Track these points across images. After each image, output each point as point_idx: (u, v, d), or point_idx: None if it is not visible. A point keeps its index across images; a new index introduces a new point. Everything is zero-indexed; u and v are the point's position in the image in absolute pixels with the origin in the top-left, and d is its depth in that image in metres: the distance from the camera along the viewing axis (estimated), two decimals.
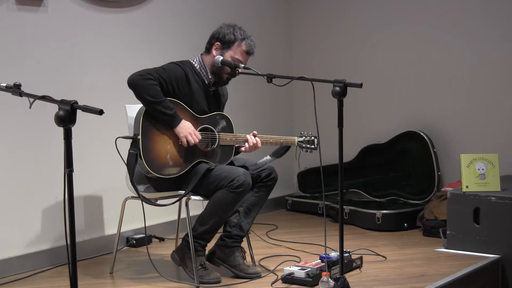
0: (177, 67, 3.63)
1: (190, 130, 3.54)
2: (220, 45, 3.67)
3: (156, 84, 3.49)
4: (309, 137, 3.83)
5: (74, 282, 2.38)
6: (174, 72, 3.59)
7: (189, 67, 3.66)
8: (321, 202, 5.36)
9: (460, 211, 4.18)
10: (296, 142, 3.81)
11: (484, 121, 4.99)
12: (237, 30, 3.69)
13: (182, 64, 3.66)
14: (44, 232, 4.01)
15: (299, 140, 3.81)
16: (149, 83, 3.47)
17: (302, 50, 5.81)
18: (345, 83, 3.11)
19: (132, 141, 3.48)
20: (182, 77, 3.61)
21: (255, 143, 3.72)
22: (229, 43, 3.67)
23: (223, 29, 3.69)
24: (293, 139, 3.80)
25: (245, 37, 3.69)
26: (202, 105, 3.67)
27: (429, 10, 5.20)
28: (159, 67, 3.59)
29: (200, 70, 3.69)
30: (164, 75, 3.55)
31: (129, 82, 3.49)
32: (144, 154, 3.47)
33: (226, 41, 3.66)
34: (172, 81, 3.57)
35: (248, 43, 3.69)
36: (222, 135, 3.67)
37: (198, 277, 3.51)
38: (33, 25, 3.94)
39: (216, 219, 3.57)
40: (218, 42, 3.67)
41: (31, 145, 3.95)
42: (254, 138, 3.73)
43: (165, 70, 3.57)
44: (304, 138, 3.82)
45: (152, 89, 3.47)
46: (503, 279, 4.02)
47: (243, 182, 3.48)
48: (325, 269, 3.43)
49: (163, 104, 3.48)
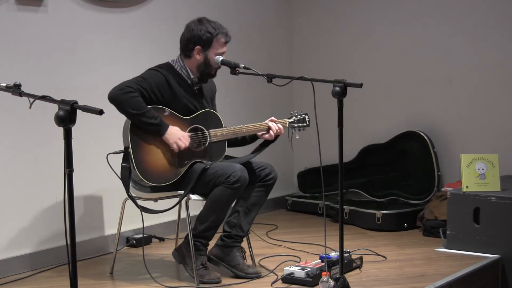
0: (155, 72, 3.62)
1: (178, 135, 3.54)
2: (201, 47, 3.64)
3: (137, 96, 3.48)
4: (300, 115, 3.80)
5: (74, 282, 2.38)
6: (153, 78, 3.58)
7: (169, 70, 3.65)
8: (321, 202, 5.36)
9: (460, 211, 4.18)
10: (287, 123, 3.79)
11: (484, 121, 4.99)
12: (208, 25, 3.64)
13: (160, 68, 3.65)
14: (44, 232, 4.01)
15: (290, 121, 3.80)
16: (129, 96, 3.46)
17: (302, 50, 5.81)
18: (345, 83, 3.11)
19: (123, 155, 3.50)
20: (162, 82, 3.60)
21: (277, 129, 3.71)
22: (208, 42, 3.63)
23: (195, 31, 3.63)
24: (283, 121, 3.79)
25: (218, 29, 3.64)
26: (189, 106, 3.66)
27: (429, 10, 5.19)
28: (138, 76, 3.58)
29: (181, 71, 3.68)
30: (144, 84, 3.54)
31: (110, 98, 3.49)
32: (137, 166, 3.49)
33: (205, 41, 3.62)
34: (153, 88, 3.56)
35: (223, 33, 3.66)
36: (212, 132, 3.67)
37: (199, 277, 3.51)
38: (33, 25, 3.94)
39: (215, 216, 3.58)
40: (198, 46, 3.63)
41: (31, 145, 3.95)
42: (276, 124, 3.72)
43: (144, 79, 3.56)
44: (294, 118, 3.79)
45: (134, 101, 3.46)
46: (503, 279, 4.02)
47: (239, 177, 3.49)
48: (325, 269, 3.43)
49: (147, 114, 3.47)
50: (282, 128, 3.75)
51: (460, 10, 5.06)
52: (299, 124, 3.81)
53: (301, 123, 3.81)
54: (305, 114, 3.82)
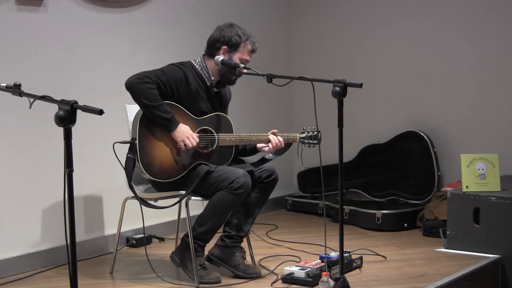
0: (176, 68, 3.62)
1: (187, 134, 3.53)
2: (227, 48, 3.64)
3: (154, 88, 3.48)
4: (312, 132, 3.74)
5: (74, 282, 2.38)
6: (173, 74, 3.58)
7: (189, 69, 3.65)
8: (321, 202, 5.36)
9: (460, 211, 4.18)
10: (298, 138, 3.78)
11: (484, 121, 4.99)
12: (239, 30, 3.67)
13: (182, 65, 3.65)
14: (44, 232, 4.01)
15: (301, 136, 3.77)
16: (146, 86, 3.46)
17: (302, 50, 5.81)
18: (345, 83, 3.11)
19: (129, 145, 3.48)
20: (181, 79, 3.59)
21: (277, 142, 3.70)
22: (236, 45, 3.64)
23: (225, 32, 3.65)
24: (295, 135, 3.77)
25: (248, 36, 3.68)
26: (203, 107, 3.66)
27: (429, 10, 5.20)
28: (158, 69, 3.57)
29: (202, 71, 3.67)
30: (162, 77, 3.53)
31: (127, 85, 3.48)
32: (141, 158, 3.47)
33: (233, 43, 3.63)
34: (171, 84, 3.56)
35: (252, 41, 3.69)
36: (221, 136, 3.66)
37: (198, 278, 3.51)
38: (33, 25, 3.94)
39: (215, 220, 3.57)
40: (225, 46, 3.64)
41: (31, 145, 3.95)
42: (276, 137, 3.71)
43: (164, 73, 3.55)
44: (306, 134, 3.75)
45: (150, 92, 3.46)
46: (503, 279, 4.02)
47: (243, 183, 3.48)
48: (325, 269, 3.43)
49: (160, 108, 3.47)
50: (282, 142, 3.70)
51: (460, 10, 5.06)
52: (309, 141, 3.73)
53: (312, 140, 3.74)
54: (318, 131, 3.71)
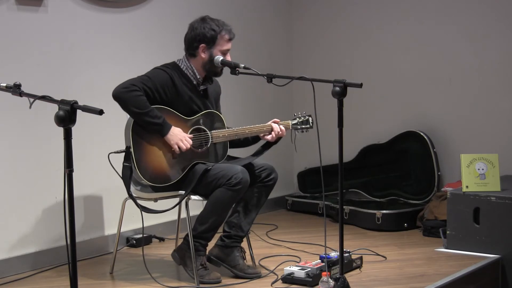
0: (161, 72, 3.61)
1: (180, 137, 3.54)
2: (206, 45, 3.63)
3: (142, 95, 3.48)
4: (303, 117, 3.79)
5: (74, 282, 2.38)
6: (159, 78, 3.58)
7: (174, 70, 3.65)
8: (321, 202, 5.36)
9: (460, 211, 4.18)
10: (290, 125, 3.78)
11: (484, 121, 4.99)
12: (212, 23, 3.64)
13: (166, 67, 3.65)
14: (44, 232, 4.01)
15: (293, 122, 3.78)
16: (134, 94, 3.46)
17: (302, 50, 5.81)
18: (345, 83, 3.11)
19: (125, 154, 3.49)
20: (167, 81, 3.59)
21: (279, 131, 3.70)
22: (213, 39, 3.62)
23: (199, 29, 3.63)
24: (286, 123, 3.78)
25: (222, 27, 3.64)
26: (193, 106, 3.66)
27: (429, 10, 5.19)
28: (143, 75, 3.58)
29: (187, 71, 3.67)
30: (148, 83, 3.53)
31: (114, 96, 3.49)
32: (138, 165, 3.48)
33: (210, 39, 3.62)
34: (158, 88, 3.56)
35: (227, 30, 3.66)
36: (214, 133, 3.66)
37: (198, 277, 3.51)
38: (33, 25, 3.94)
39: (216, 217, 3.58)
40: (203, 44, 3.63)
41: (31, 145, 3.95)
42: (278, 126, 3.71)
43: (149, 78, 3.55)
44: (298, 119, 3.78)
45: (138, 100, 3.46)
46: (503, 279, 4.02)
47: (241, 179, 3.48)
48: (325, 269, 3.43)
49: (150, 114, 3.47)
50: (284, 130, 3.74)
51: (460, 10, 5.06)
52: (302, 126, 3.79)
53: (304, 125, 3.79)
54: (309, 115, 3.79)
